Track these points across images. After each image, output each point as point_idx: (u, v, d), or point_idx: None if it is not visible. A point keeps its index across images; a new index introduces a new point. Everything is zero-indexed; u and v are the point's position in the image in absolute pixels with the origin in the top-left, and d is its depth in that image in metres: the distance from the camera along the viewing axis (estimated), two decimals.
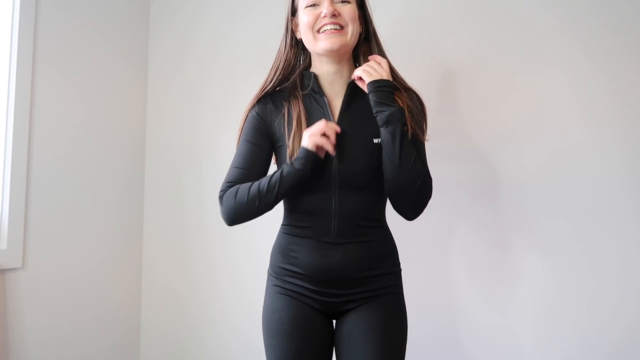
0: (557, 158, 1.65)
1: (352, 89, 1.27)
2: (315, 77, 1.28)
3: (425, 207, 1.28)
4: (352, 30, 1.23)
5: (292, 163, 1.19)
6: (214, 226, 2.13)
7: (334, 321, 1.31)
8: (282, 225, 1.34)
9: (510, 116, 1.71)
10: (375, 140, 1.22)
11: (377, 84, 1.20)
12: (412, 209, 1.27)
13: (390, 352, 1.20)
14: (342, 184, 1.22)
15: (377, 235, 1.28)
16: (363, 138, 1.24)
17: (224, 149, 2.14)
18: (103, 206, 2.13)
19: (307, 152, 1.17)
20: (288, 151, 1.24)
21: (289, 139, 1.25)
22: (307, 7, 1.24)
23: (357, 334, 1.21)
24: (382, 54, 1.31)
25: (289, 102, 1.29)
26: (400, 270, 1.33)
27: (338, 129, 1.20)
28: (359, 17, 1.27)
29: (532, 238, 1.67)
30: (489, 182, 1.74)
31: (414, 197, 1.23)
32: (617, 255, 1.56)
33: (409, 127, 1.21)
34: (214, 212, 2.14)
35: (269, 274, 1.34)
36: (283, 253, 1.29)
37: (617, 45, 1.59)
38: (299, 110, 1.26)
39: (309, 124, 1.23)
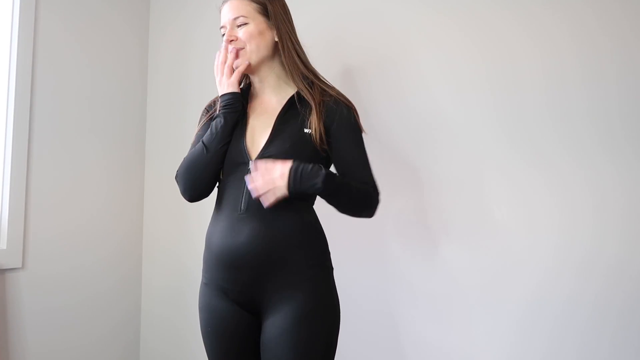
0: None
1: (291, 101, 1.32)
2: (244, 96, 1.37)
3: (375, 210, 1.31)
4: (252, 48, 1.29)
5: (223, 114, 1.27)
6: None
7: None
8: None
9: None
10: (306, 130, 1.27)
11: (289, 188, 1.18)
12: (363, 217, 1.34)
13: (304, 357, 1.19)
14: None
15: (288, 219, 1.25)
16: (295, 129, 1.28)
17: None
18: (103, 207, 2.13)
19: (233, 95, 1.29)
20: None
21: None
22: (223, 33, 1.33)
23: (272, 339, 1.20)
24: (296, 56, 1.32)
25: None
26: (327, 266, 1.30)
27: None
28: (268, 27, 1.31)
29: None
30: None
31: (364, 215, 1.32)
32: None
33: (321, 127, 1.27)
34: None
35: None
36: None
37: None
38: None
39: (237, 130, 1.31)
